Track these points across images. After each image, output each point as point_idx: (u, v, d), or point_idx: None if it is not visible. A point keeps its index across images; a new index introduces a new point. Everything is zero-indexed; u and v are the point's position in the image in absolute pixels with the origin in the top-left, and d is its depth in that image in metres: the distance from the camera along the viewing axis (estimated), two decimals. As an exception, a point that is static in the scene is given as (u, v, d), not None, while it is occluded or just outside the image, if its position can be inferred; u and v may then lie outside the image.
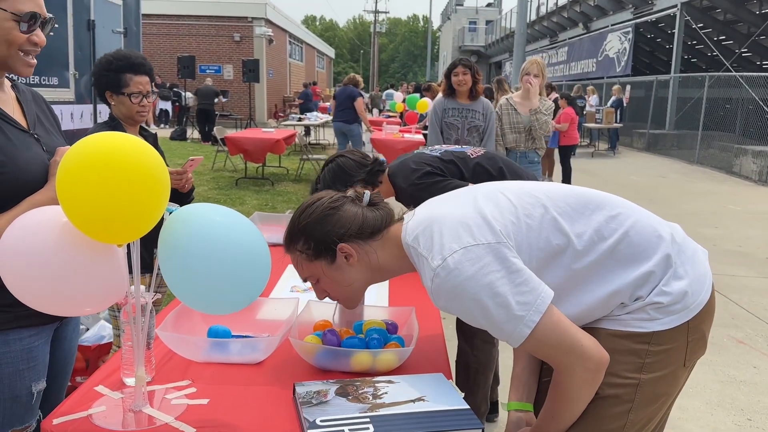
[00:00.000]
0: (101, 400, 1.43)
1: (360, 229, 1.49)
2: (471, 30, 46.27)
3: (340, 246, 1.47)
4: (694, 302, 1.38)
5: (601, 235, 1.37)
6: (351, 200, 1.54)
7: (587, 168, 12.97)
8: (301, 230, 1.51)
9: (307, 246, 1.49)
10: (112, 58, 2.54)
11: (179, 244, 1.25)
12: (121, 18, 7.30)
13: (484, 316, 1.29)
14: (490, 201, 1.41)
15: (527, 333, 1.27)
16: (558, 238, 1.36)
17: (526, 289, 1.28)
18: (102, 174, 1.13)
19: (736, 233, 7.54)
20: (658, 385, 1.39)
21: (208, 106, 16.63)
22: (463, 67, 4.97)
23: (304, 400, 1.38)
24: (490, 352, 2.68)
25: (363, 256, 1.49)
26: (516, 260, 1.31)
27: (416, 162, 2.54)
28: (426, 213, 1.45)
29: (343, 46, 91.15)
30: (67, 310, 1.31)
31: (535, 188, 1.47)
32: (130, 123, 2.62)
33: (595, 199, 1.44)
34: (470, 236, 1.31)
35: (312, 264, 1.51)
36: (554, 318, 1.29)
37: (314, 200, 1.54)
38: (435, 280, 1.31)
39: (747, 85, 13.04)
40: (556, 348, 1.30)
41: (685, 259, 1.41)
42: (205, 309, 1.36)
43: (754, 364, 3.99)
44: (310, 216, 1.51)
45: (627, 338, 1.37)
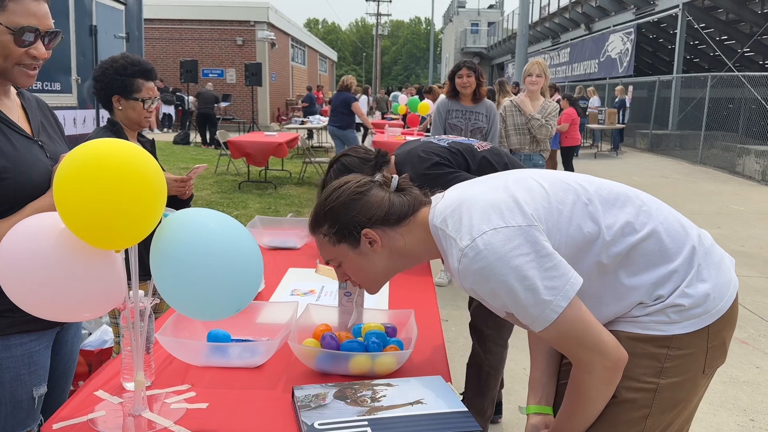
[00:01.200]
0: (101, 404, 1.44)
1: (386, 215, 1.47)
2: (473, 32, 46.31)
3: (364, 232, 1.46)
4: (716, 307, 1.36)
5: (632, 227, 1.36)
6: (378, 185, 1.52)
7: (590, 169, 12.95)
8: (327, 213, 1.49)
9: (331, 229, 1.48)
10: (126, 63, 2.54)
11: (170, 250, 1.25)
12: (123, 23, 7.32)
13: (511, 299, 1.27)
14: (521, 186, 1.40)
15: (553, 318, 1.26)
16: (589, 226, 1.35)
17: (555, 274, 1.26)
18: (98, 180, 1.13)
19: (739, 233, 7.53)
20: (676, 390, 1.37)
21: (208, 110, 16.65)
22: (467, 69, 4.97)
23: (303, 404, 1.39)
24: (501, 355, 2.69)
25: (388, 243, 1.47)
26: (546, 244, 1.29)
27: (425, 151, 2.54)
28: (455, 195, 1.43)
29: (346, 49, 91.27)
30: (66, 315, 1.32)
31: (567, 176, 1.46)
32: (133, 128, 2.63)
33: (626, 193, 1.43)
34: (500, 218, 1.30)
35: (335, 248, 1.50)
36: (580, 309, 1.28)
37: (341, 183, 1.52)
38: (463, 261, 1.29)
39: (750, 85, 13.02)
40: (577, 341, 1.29)
41: (710, 263, 1.39)
42: (195, 315, 1.36)
43: (757, 365, 3.98)
44: (336, 200, 1.49)
45: (646, 341, 1.36)
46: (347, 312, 1.88)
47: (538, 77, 5.28)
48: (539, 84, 5.30)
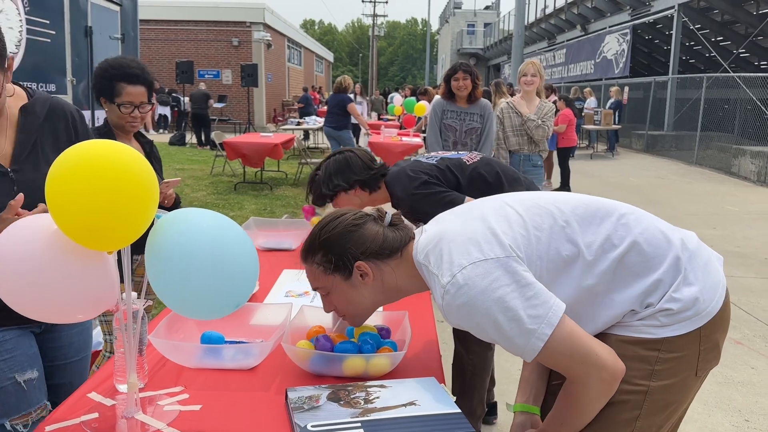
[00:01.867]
0: (94, 406, 1.44)
1: (380, 248, 1.52)
2: (469, 33, 46.36)
3: (357, 264, 1.50)
4: (706, 309, 1.36)
5: (611, 243, 1.37)
6: (373, 219, 1.57)
7: (586, 170, 12.98)
8: (322, 243, 1.54)
9: (325, 259, 1.53)
10: (108, 65, 2.52)
11: (166, 250, 1.25)
12: (118, 24, 7.31)
13: (497, 331, 1.29)
14: (498, 215, 1.42)
15: (540, 346, 1.27)
16: (567, 249, 1.36)
17: (537, 302, 1.27)
18: (90, 181, 1.13)
19: (734, 234, 7.55)
20: (667, 393, 1.38)
21: (201, 111, 16.62)
22: (463, 72, 4.98)
23: (296, 406, 1.39)
24: (486, 355, 2.68)
25: (379, 276, 1.52)
26: (526, 274, 1.30)
27: (413, 170, 2.51)
28: (435, 230, 1.46)
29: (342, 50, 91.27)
30: (59, 317, 1.31)
31: (542, 199, 1.47)
32: (121, 131, 2.60)
33: (603, 207, 1.43)
34: (479, 251, 1.32)
35: (327, 277, 1.54)
36: (567, 329, 1.28)
37: (338, 215, 1.57)
38: (445, 297, 1.32)
39: (745, 86, 13.05)
40: (570, 358, 1.30)
41: (696, 266, 1.39)
42: (192, 314, 1.36)
43: (752, 365, 3.99)
44: (333, 230, 1.54)
45: (637, 344, 1.36)
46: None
47: (533, 77, 5.27)
48: (534, 84, 5.30)
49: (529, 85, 5.31)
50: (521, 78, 5.34)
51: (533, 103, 5.36)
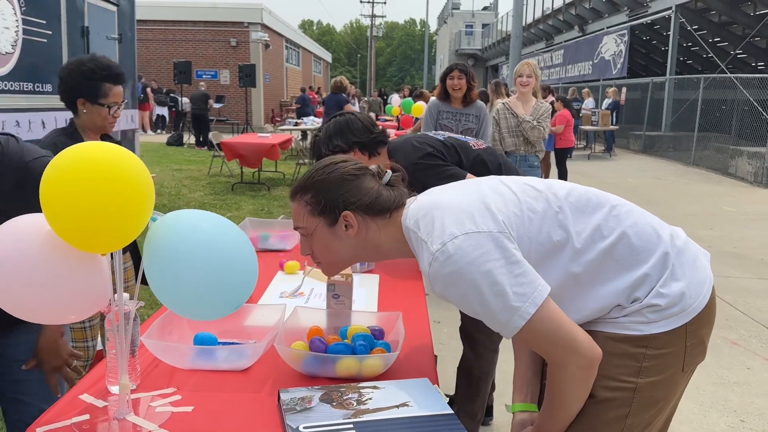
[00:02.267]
0: (85, 408, 1.43)
1: (371, 203, 1.48)
2: (468, 33, 46.36)
3: (344, 213, 1.47)
4: (692, 305, 1.37)
5: (601, 233, 1.37)
6: (372, 174, 1.53)
7: (583, 170, 12.99)
8: (315, 183, 1.50)
9: (314, 200, 1.49)
10: (94, 66, 2.47)
11: (165, 251, 1.25)
12: (115, 24, 7.30)
13: (480, 304, 1.28)
14: (494, 192, 1.41)
15: (521, 324, 1.26)
16: (558, 234, 1.36)
17: (524, 281, 1.27)
18: (85, 183, 1.13)
19: (731, 234, 7.56)
20: (655, 389, 1.38)
21: (201, 111, 16.62)
22: (459, 72, 5.00)
23: (288, 407, 1.38)
24: (492, 359, 2.68)
25: (363, 231, 1.49)
26: (516, 252, 1.30)
27: (419, 141, 2.53)
28: (428, 199, 1.45)
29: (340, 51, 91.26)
30: (51, 318, 1.31)
31: (538, 183, 1.47)
32: (96, 131, 2.56)
33: (596, 198, 1.43)
34: (472, 223, 1.31)
35: (312, 218, 1.50)
36: (550, 311, 1.28)
37: (340, 160, 1.54)
38: (433, 264, 1.30)
39: (742, 87, 13.07)
40: (549, 341, 1.29)
41: (684, 261, 1.39)
42: (192, 315, 1.36)
43: (748, 366, 3.99)
44: (330, 173, 1.50)
45: (624, 341, 1.36)
46: (336, 314, 1.88)
47: (529, 78, 5.28)
48: (530, 85, 5.31)
49: (525, 86, 5.32)
50: (517, 79, 5.35)
51: (529, 104, 5.37)
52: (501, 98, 8.54)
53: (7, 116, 4.87)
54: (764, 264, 6.34)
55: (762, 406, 3.47)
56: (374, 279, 2.42)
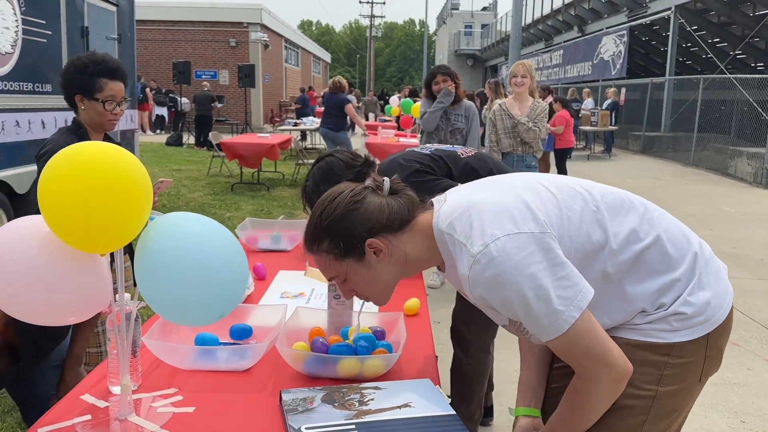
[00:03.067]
0: (87, 408, 1.43)
1: (388, 221, 1.39)
2: (467, 34, 46.36)
3: (368, 242, 1.37)
4: (715, 315, 1.35)
5: (636, 235, 1.34)
6: (372, 190, 1.43)
7: (583, 171, 12.98)
8: (325, 230, 1.39)
9: (333, 245, 1.39)
10: (88, 61, 2.43)
11: (154, 254, 1.24)
12: (115, 24, 7.30)
13: (523, 308, 1.23)
14: (531, 190, 1.36)
15: (565, 328, 1.22)
16: (598, 234, 1.33)
17: (567, 284, 1.23)
18: (83, 183, 1.12)
19: (731, 235, 7.56)
20: (673, 398, 1.36)
21: (205, 112, 16.63)
22: (442, 75, 5.12)
23: (290, 408, 1.38)
24: (485, 360, 2.67)
25: (393, 250, 1.40)
26: (559, 252, 1.26)
27: (406, 159, 2.51)
28: (460, 198, 1.38)
29: (340, 51, 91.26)
30: (51, 319, 1.31)
31: (573, 182, 1.44)
32: (97, 129, 2.51)
33: (629, 199, 1.41)
34: (513, 224, 1.26)
35: (340, 263, 1.41)
36: (591, 320, 1.26)
37: (334, 195, 1.43)
38: (474, 267, 1.24)
39: (741, 87, 13.08)
40: (585, 352, 1.27)
41: (710, 271, 1.38)
42: (179, 320, 1.35)
43: (748, 366, 3.99)
44: (333, 213, 1.39)
45: (646, 349, 1.34)
46: (337, 315, 1.88)
47: (524, 78, 5.31)
48: (525, 85, 5.33)
49: (520, 86, 5.33)
50: (512, 79, 5.38)
51: (526, 104, 5.39)
52: (500, 98, 8.55)
53: (6, 116, 4.87)
54: (764, 264, 6.34)
55: (762, 407, 3.47)
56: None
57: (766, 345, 4.35)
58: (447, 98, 5.10)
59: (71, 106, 2.49)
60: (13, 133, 4.96)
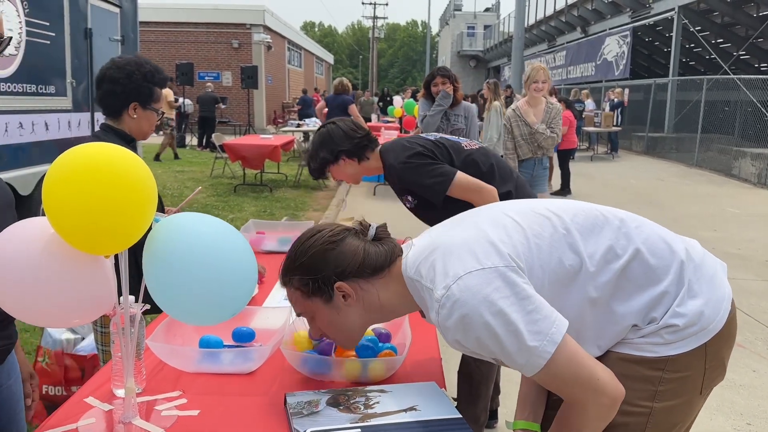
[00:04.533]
0: (91, 411, 1.42)
1: (360, 267, 1.38)
2: (469, 35, 46.37)
3: (337, 285, 1.38)
4: (711, 324, 1.30)
5: (614, 253, 1.30)
6: (354, 233, 1.44)
7: (586, 172, 12.97)
8: (298, 266, 1.41)
9: (302, 282, 1.40)
10: (153, 69, 2.35)
11: (163, 254, 1.24)
12: (118, 26, 7.31)
13: (497, 347, 1.20)
14: (494, 224, 1.33)
15: (542, 364, 1.19)
16: (570, 258, 1.29)
17: (538, 317, 1.19)
18: (88, 184, 1.12)
19: (735, 236, 7.53)
20: (671, 414, 1.32)
21: (209, 113, 16.65)
22: (441, 77, 5.16)
23: (295, 411, 1.37)
24: (491, 364, 2.67)
25: (362, 296, 1.39)
26: (526, 286, 1.22)
27: (409, 141, 2.56)
28: (426, 242, 1.37)
29: (342, 52, 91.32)
30: (55, 321, 1.31)
31: (539, 206, 1.39)
32: (139, 138, 2.43)
33: (602, 215, 1.37)
34: (475, 260, 1.23)
35: (307, 302, 1.42)
36: (570, 349, 1.21)
37: (314, 232, 1.43)
38: (441, 312, 1.22)
39: (745, 88, 13.05)
40: (570, 383, 1.23)
41: (701, 277, 1.33)
42: (189, 320, 1.35)
43: (754, 368, 3.97)
44: (308, 251, 1.40)
45: (640, 363, 1.30)
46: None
47: (544, 83, 5.34)
48: (544, 90, 5.37)
49: (539, 92, 5.35)
50: (532, 84, 5.34)
51: (540, 107, 5.40)
52: (498, 99, 8.55)
53: (10, 118, 4.87)
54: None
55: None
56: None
57: (772, 347, 4.33)
58: (445, 101, 5.11)
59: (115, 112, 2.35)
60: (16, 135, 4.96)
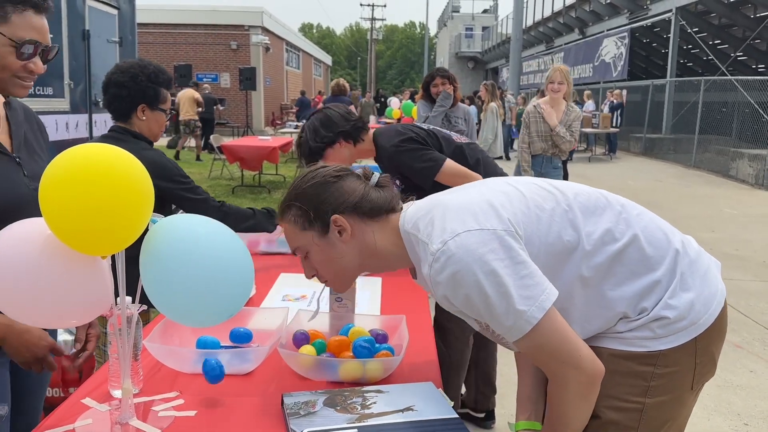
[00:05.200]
0: (88, 412, 1.42)
1: (358, 202, 1.40)
2: (467, 36, 46.39)
3: (334, 217, 1.38)
4: (701, 318, 1.30)
5: (612, 235, 1.31)
6: (357, 176, 1.45)
7: (584, 173, 12.98)
8: (297, 195, 1.42)
9: (300, 213, 1.40)
10: (157, 70, 2.37)
11: (160, 255, 1.24)
12: (116, 27, 7.31)
13: (485, 306, 1.21)
14: (499, 191, 1.35)
15: (527, 329, 1.20)
16: (569, 234, 1.29)
17: (530, 283, 1.21)
18: (84, 185, 1.12)
19: (733, 237, 7.54)
20: (663, 409, 1.32)
21: (208, 115, 16.64)
22: (441, 78, 5.21)
23: (292, 411, 1.37)
24: (463, 350, 2.76)
25: (358, 234, 1.40)
26: (522, 252, 1.23)
27: (404, 127, 2.69)
28: (427, 200, 1.39)
29: (341, 54, 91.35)
30: (52, 322, 1.31)
31: (545, 182, 1.41)
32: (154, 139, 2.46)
33: (605, 198, 1.38)
34: (475, 221, 1.24)
35: (302, 234, 1.42)
36: (557, 321, 1.23)
37: (318, 167, 1.45)
38: (434, 266, 1.23)
39: (742, 89, 13.07)
40: (552, 354, 1.24)
41: (695, 271, 1.34)
42: (186, 321, 1.35)
43: (751, 368, 3.98)
44: (309, 182, 1.42)
45: (631, 359, 1.31)
46: (338, 317, 1.87)
47: (560, 84, 5.33)
48: (562, 91, 5.36)
49: (557, 92, 5.36)
50: (549, 85, 5.39)
51: (560, 108, 5.41)
52: (495, 101, 8.60)
53: (7, 119, 4.86)
54: (766, 266, 6.33)
55: (765, 409, 3.46)
56: (377, 282, 2.42)
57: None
58: (447, 101, 5.14)
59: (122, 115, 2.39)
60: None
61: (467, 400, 3.13)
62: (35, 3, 1.53)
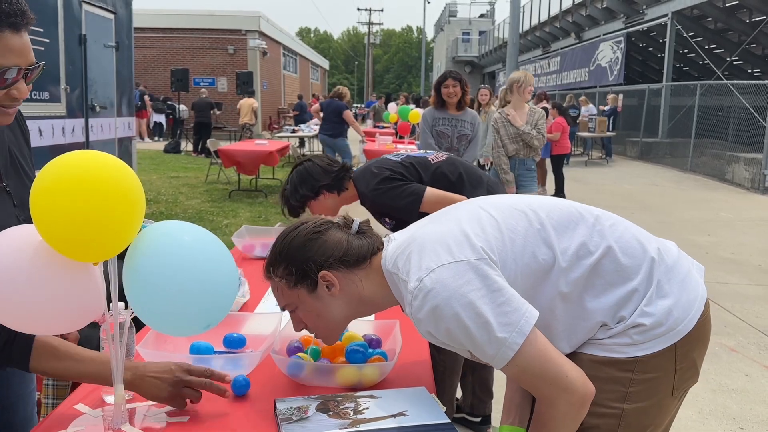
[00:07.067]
0: (80, 418, 1.42)
1: (344, 255, 1.42)
2: (464, 41, 46.50)
3: (322, 274, 1.41)
4: (680, 325, 1.31)
5: (587, 249, 1.32)
6: (338, 226, 1.47)
7: (580, 177, 13.00)
8: (283, 255, 1.44)
9: (287, 272, 1.43)
10: None
11: (142, 263, 1.24)
12: (113, 32, 7.32)
13: (467, 338, 1.23)
14: (470, 218, 1.36)
15: (510, 355, 1.22)
16: (544, 253, 1.31)
17: (508, 309, 1.22)
18: (75, 192, 1.12)
19: (729, 240, 7.56)
20: (643, 415, 1.33)
21: (205, 119, 16.65)
22: (453, 80, 5.31)
23: (284, 417, 1.37)
24: (456, 356, 2.73)
25: (346, 286, 1.42)
26: (498, 278, 1.25)
27: (377, 167, 2.62)
28: (404, 236, 1.40)
29: (338, 58, 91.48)
30: (44, 329, 1.30)
31: (517, 202, 1.42)
32: None
33: (578, 212, 1.39)
34: (448, 254, 1.26)
35: (291, 292, 1.44)
36: (539, 344, 1.23)
37: (298, 224, 1.48)
38: (413, 303, 1.25)
39: (738, 93, 13.10)
40: (539, 377, 1.25)
41: (672, 278, 1.34)
42: (167, 330, 1.34)
43: (746, 372, 3.98)
44: (293, 240, 1.44)
45: (610, 365, 1.31)
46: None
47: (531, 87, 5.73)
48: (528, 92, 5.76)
49: (529, 94, 5.73)
50: (527, 88, 5.68)
51: (523, 111, 5.74)
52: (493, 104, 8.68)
53: (3, 124, 4.86)
54: (762, 270, 6.34)
55: (761, 413, 3.47)
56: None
57: (765, 351, 4.35)
58: None
59: None
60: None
61: (464, 405, 3.13)
62: (12, 22, 1.27)
